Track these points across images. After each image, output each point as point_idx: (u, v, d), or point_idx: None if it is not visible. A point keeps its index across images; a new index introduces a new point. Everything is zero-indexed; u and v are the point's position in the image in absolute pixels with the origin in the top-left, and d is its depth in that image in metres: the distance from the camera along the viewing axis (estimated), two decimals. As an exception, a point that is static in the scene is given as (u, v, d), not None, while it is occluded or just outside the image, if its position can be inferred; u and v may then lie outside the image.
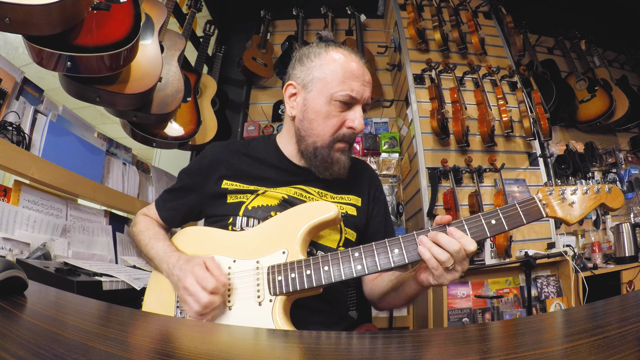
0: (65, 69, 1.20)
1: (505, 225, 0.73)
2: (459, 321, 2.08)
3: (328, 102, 0.92)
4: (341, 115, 0.93)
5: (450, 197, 2.25)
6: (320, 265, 0.76)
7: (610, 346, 0.36)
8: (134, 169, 2.03)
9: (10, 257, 1.20)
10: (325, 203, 0.86)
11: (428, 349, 0.44)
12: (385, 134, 2.86)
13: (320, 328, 0.87)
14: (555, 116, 2.86)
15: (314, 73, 0.95)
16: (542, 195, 0.75)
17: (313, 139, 0.95)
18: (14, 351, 0.34)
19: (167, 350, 0.43)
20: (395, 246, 0.76)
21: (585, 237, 2.58)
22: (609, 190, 0.74)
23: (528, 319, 0.95)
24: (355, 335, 0.52)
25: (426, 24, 2.74)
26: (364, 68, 0.97)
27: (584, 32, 3.21)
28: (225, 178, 0.99)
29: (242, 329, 0.66)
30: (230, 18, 3.24)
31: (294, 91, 0.99)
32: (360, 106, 0.94)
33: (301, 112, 0.97)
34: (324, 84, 0.93)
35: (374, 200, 1.09)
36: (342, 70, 0.93)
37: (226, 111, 2.85)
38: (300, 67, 0.98)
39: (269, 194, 0.95)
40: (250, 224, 0.93)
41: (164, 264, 0.87)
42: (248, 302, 0.78)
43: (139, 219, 1.06)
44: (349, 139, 0.95)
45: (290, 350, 0.45)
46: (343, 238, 0.97)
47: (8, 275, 0.53)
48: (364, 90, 0.94)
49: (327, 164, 0.95)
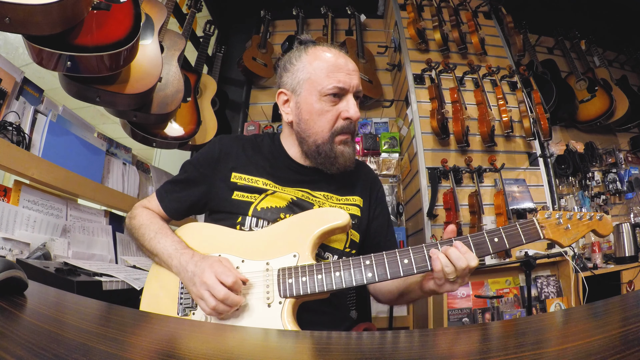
0: (65, 69, 1.20)
1: (507, 243, 0.78)
2: (459, 321, 2.08)
3: (318, 99, 0.94)
4: (334, 108, 0.94)
5: (450, 197, 2.25)
6: (331, 271, 0.78)
7: (610, 346, 0.36)
8: (134, 169, 2.03)
9: (10, 257, 1.20)
10: (337, 210, 0.88)
11: (428, 349, 0.44)
12: (385, 134, 2.87)
13: (323, 329, 0.88)
14: (555, 116, 2.86)
15: (298, 76, 0.97)
16: (540, 217, 0.81)
17: (313, 138, 0.96)
18: (14, 351, 0.34)
19: (167, 350, 0.43)
20: (405, 257, 0.79)
21: (585, 237, 2.57)
22: (600, 218, 0.81)
23: (528, 319, 0.95)
24: (364, 335, 0.52)
25: (426, 24, 2.74)
26: (346, 58, 0.98)
27: (584, 32, 3.21)
28: (234, 170, 0.99)
29: (242, 329, 0.66)
30: (230, 18, 3.24)
31: (286, 98, 1.01)
32: (351, 95, 0.95)
33: (296, 115, 0.98)
34: (311, 83, 0.95)
35: (376, 202, 1.10)
36: (325, 65, 0.94)
37: (226, 111, 2.86)
38: (286, 73, 1.00)
39: (278, 195, 0.96)
40: (260, 224, 0.93)
41: (175, 260, 0.86)
42: (257, 304, 0.79)
43: (139, 211, 1.02)
44: (348, 129, 0.96)
45: (299, 350, 0.45)
46: (349, 240, 0.99)
47: (8, 275, 0.53)
48: (351, 78, 0.95)
49: (332, 158, 0.96)
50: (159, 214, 1.03)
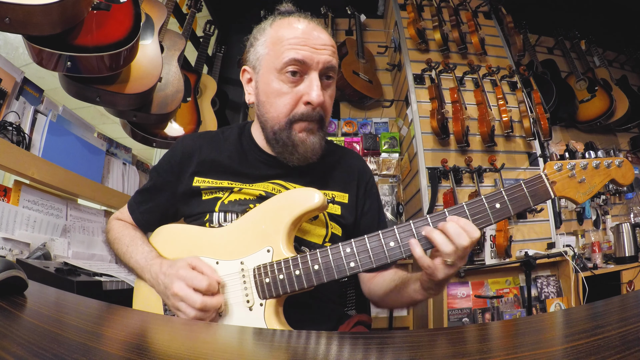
0: (65, 69, 1.20)
1: (511, 209, 0.67)
2: (459, 321, 2.08)
3: (277, 77, 0.80)
4: (294, 90, 0.80)
5: (450, 197, 2.25)
6: (309, 264, 0.70)
7: (610, 346, 0.36)
8: (134, 169, 2.03)
9: (10, 257, 1.20)
10: (306, 190, 0.76)
11: (428, 349, 0.44)
12: (385, 134, 2.86)
13: (314, 325, 0.81)
14: (555, 116, 2.86)
15: (259, 51, 0.84)
16: (549, 171, 0.68)
17: (270, 124, 0.84)
18: (14, 351, 0.34)
19: (167, 351, 0.43)
20: (390, 238, 0.69)
21: (585, 237, 2.58)
22: (620, 164, 0.67)
23: (528, 319, 0.95)
24: (347, 336, 0.52)
25: (426, 24, 2.74)
26: (314, 30, 0.81)
27: (584, 32, 3.21)
28: (196, 175, 0.89)
29: (239, 328, 0.66)
30: (231, 18, 3.23)
31: (249, 76, 0.89)
32: (315, 73, 0.79)
33: (256, 95, 0.87)
34: (269, 59, 0.81)
35: (365, 195, 0.98)
36: (285, 37, 0.79)
37: (226, 111, 2.85)
38: (250, 48, 0.87)
39: (245, 191, 0.86)
40: (229, 218, 0.84)
41: (147, 273, 0.79)
42: (238, 308, 0.73)
43: (112, 224, 0.96)
44: (309, 116, 0.81)
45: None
46: (329, 233, 0.88)
47: (8, 275, 0.53)
48: (316, 53, 0.78)
49: (290, 147, 0.83)
50: (133, 225, 0.96)
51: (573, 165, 0.68)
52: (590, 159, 0.69)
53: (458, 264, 0.67)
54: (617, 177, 0.67)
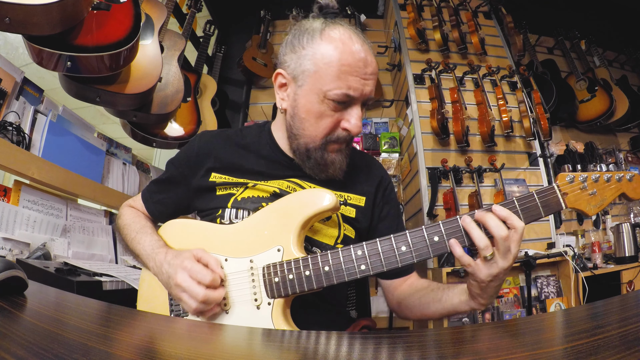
0: (65, 69, 1.20)
1: (523, 219, 0.66)
2: (459, 321, 2.08)
3: (321, 100, 0.80)
4: (335, 115, 0.82)
5: (450, 197, 2.25)
6: (320, 265, 0.70)
7: (610, 346, 0.36)
8: (134, 169, 2.03)
9: (10, 257, 1.20)
10: (318, 191, 0.77)
11: (428, 349, 0.44)
12: (385, 134, 2.86)
13: (320, 327, 0.84)
14: (555, 116, 2.86)
15: (304, 64, 0.82)
16: (561, 183, 0.68)
17: (305, 140, 0.86)
18: (14, 351, 0.34)
19: (167, 351, 0.43)
20: (402, 243, 0.69)
21: (585, 237, 2.58)
22: (631, 178, 0.67)
23: (528, 319, 0.95)
24: (357, 336, 0.52)
25: (426, 24, 2.74)
26: (367, 56, 0.81)
27: (584, 32, 3.21)
28: (213, 170, 0.91)
29: (243, 329, 0.66)
30: (230, 18, 3.24)
31: (284, 81, 0.87)
32: (358, 105, 0.82)
33: (292, 107, 0.86)
34: (316, 79, 0.80)
35: (384, 200, 0.98)
36: (338, 63, 0.78)
37: (226, 111, 2.85)
38: (291, 54, 0.85)
39: (260, 187, 0.88)
40: (240, 215, 0.85)
41: (151, 261, 0.81)
42: (246, 306, 0.74)
43: (124, 210, 0.99)
44: (344, 140, 0.85)
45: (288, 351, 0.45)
46: (342, 235, 0.89)
47: (8, 275, 0.53)
48: (364, 85, 0.80)
49: (322, 166, 0.86)
50: (145, 214, 0.99)
51: (585, 178, 0.68)
52: (602, 172, 0.69)
53: (500, 261, 0.66)
54: (627, 191, 0.68)
